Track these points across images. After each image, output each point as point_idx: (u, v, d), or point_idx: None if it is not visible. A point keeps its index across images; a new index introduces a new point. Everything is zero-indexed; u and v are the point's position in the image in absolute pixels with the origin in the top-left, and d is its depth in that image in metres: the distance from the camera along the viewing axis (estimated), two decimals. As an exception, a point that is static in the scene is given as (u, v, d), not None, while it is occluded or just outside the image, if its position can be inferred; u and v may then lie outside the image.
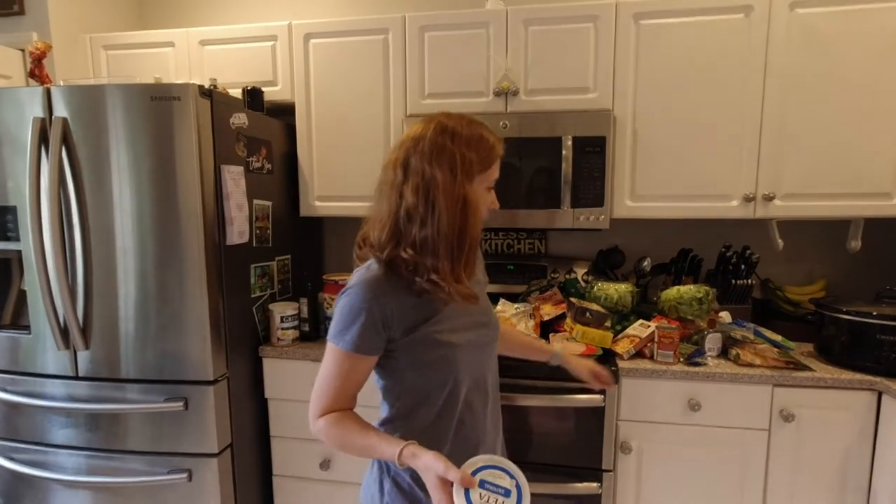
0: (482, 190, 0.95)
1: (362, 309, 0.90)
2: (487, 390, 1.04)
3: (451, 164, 0.89)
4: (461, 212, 0.89)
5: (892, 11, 1.65)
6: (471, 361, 0.99)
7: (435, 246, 0.89)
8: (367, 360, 0.94)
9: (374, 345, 0.92)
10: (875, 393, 1.54)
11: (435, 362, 0.95)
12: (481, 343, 1.02)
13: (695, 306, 1.78)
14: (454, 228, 0.89)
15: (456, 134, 0.91)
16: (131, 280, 1.64)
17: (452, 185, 0.89)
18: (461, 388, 0.97)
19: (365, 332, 0.90)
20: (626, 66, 1.81)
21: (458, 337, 0.96)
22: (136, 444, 1.72)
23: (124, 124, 1.58)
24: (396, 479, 0.99)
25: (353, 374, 0.94)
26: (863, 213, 1.76)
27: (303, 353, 1.84)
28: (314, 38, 1.98)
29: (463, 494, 0.76)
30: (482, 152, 0.92)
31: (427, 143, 0.90)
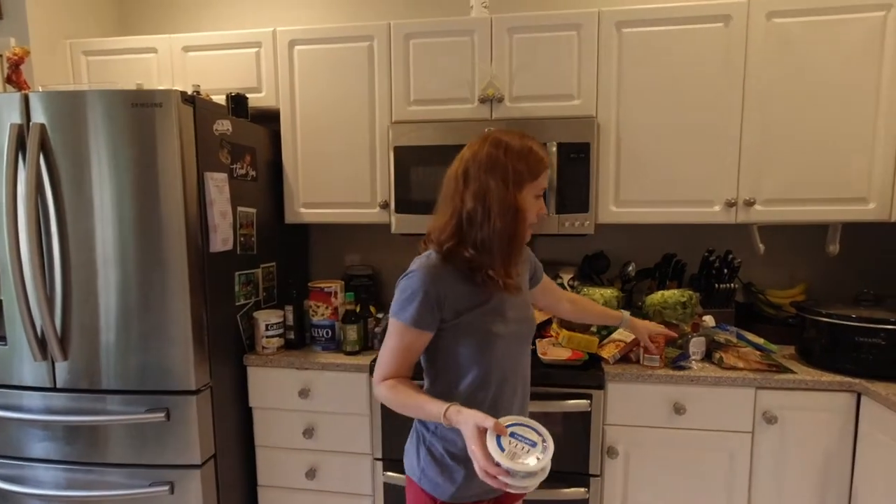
0: (531, 197, 1.07)
1: (420, 289, 1.03)
2: (518, 380, 1.15)
3: (504, 175, 1.02)
4: (512, 217, 1.03)
5: (863, 21, 1.70)
6: (507, 350, 1.10)
7: (490, 246, 1.03)
8: (422, 334, 1.06)
9: (429, 321, 1.05)
10: (854, 394, 1.57)
11: (476, 346, 1.07)
12: (519, 335, 1.13)
13: (679, 310, 1.80)
14: (506, 231, 1.03)
15: (509, 148, 1.04)
16: (112, 289, 1.61)
17: (505, 193, 1.02)
18: (495, 372, 1.09)
19: (422, 309, 1.03)
20: (610, 73, 1.83)
21: (500, 327, 1.08)
22: (116, 456, 1.68)
23: (105, 131, 1.56)
24: (430, 448, 1.12)
25: (410, 346, 1.07)
26: (840, 217, 1.80)
27: (288, 361, 1.83)
28: (299, 45, 1.98)
29: (495, 440, 0.87)
30: (531, 164, 1.04)
31: (483, 156, 1.04)
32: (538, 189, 1.07)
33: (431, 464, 1.11)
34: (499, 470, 0.85)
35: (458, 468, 1.09)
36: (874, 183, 1.75)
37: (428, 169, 1.88)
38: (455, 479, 1.09)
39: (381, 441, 1.79)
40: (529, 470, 0.84)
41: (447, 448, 1.10)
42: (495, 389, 1.10)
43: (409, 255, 2.29)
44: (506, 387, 1.11)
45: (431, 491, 1.11)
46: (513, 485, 0.85)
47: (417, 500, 1.14)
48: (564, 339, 1.73)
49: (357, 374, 1.79)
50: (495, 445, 0.86)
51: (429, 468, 1.11)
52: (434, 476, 1.11)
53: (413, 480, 1.15)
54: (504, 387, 1.11)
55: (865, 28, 1.70)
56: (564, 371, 1.67)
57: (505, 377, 1.11)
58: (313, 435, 1.84)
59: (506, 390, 1.11)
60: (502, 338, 1.08)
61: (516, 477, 0.84)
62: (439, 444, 1.11)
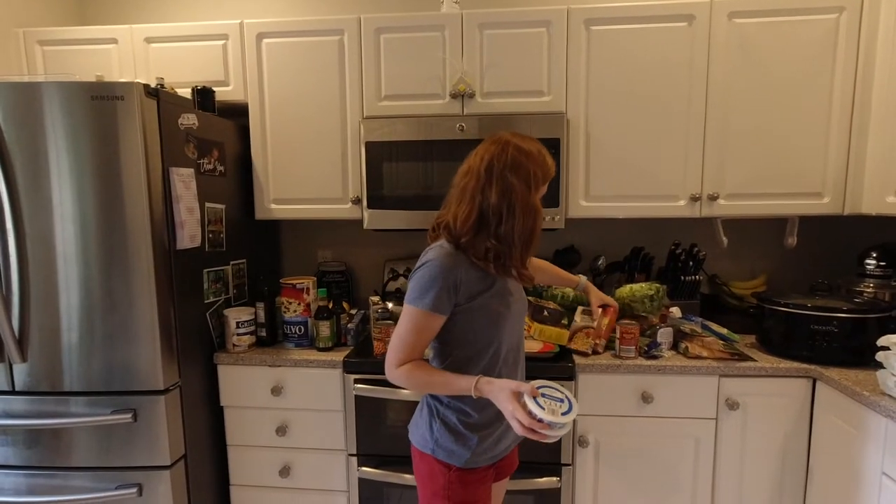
0: (540, 199, 1.18)
1: (439, 276, 1.12)
2: (519, 352, 1.28)
3: (527, 178, 1.13)
4: (533, 216, 1.14)
5: (818, 23, 1.77)
6: (511, 327, 1.22)
7: (511, 239, 1.12)
8: (439, 318, 1.14)
9: (446, 306, 1.14)
10: (810, 380, 1.64)
11: (487, 324, 1.17)
12: (520, 312, 1.27)
13: (647, 303, 1.84)
14: (527, 228, 1.13)
15: (530, 154, 1.14)
16: (74, 288, 1.56)
17: (527, 194, 1.12)
18: (503, 347, 1.20)
19: (441, 295, 1.12)
20: (578, 70, 1.86)
21: (506, 307, 1.19)
22: (81, 459, 1.64)
23: (63, 125, 1.50)
24: (445, 419, 1.21)
25: (427, 331, 1.15)
26: (797, 211, 1.87)
27: (259, 358, 1.80)
28: (267, 38, 1.95)
29: (532, 400, 1.01)
30: (546, 169, 1.17)
31: (509, 158, 1.13)
32: (543, 192, 1.20)
33: (446, 434, 1.20)
34: (542, 425, 0.99)
35: (472, 435, 1.19)
36: (828, 178, 1.83)
37: (400, 164, 1.87)
38: (470, 446, 1.19)
39: (356, 437, 1.79)
40: (566, 421, 0.99)
41: (461, 418, 1.20)
42: (503, 361, 1.22)
43: (381, 251, 2.32)
44: (510, 357, 1.24)
45: (446, 459, 1.20)
46: (552, 435, 1.00)
47: (432, 471, 1.22)
48: (536, 332, 1.76)
49: (330, 371, 1.79)
50: (535, 405, 0.99)
51: (443, 438, 1.20)
52: (449, 444, 1.20)
53: (426, 453, 1.23)
54: (509, 357, 1.23)
55: (820, 30, 1.77)
56: (536, 363, 1.69)
57: (510, 349, 1.23)
58: (286, 432, 1.83)
59: (510, 363, 1.24)
60: (507, 316, 1.20)
61: (555, 428, 0.99)
62: (453, 415, 1.20)
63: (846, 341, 1.62)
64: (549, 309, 1.82)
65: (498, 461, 1.28)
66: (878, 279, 1.80)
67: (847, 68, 1.78)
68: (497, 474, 1.32)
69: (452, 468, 1.20)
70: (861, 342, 1.60)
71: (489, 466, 1.25)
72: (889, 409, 1.32)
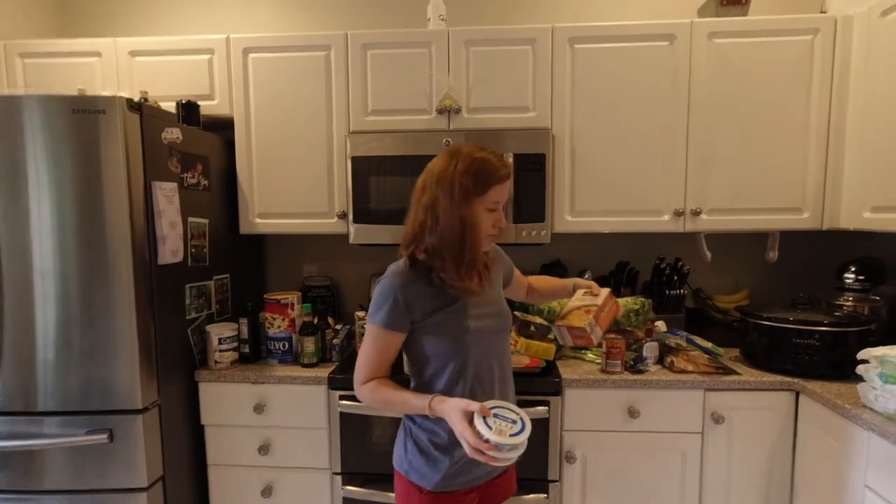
0: (482, 210, 1.13)
1: (390, 293, 1.13)
2: (495, 371, 1.21)
3: (451, 189, 1.10)
4: (459, 229, 1.10)
5: (795, 44, 1.82)
6: (479, 344, 1.17)
7: (440, 252, 1.11)
8: (395, 335, 1.15)
9: (400, 323, 1.13)
10: (793, 393, 1.66)
11: (448, 342, 1.15)
12: (493, 330, 1.20)
13: (632, 318, 1.85)
14: (455, 241, 1.10)
15: (459, 163, 1.11)
16: (51, 304, 1.53)
17: (450, 206, 1.09)
18: (469, 365, 1.16)
19: (392, 312, 1.12)
20: (563, 87, 1.89)
21: (469, 323, 1.15)
22: (54, 482, 1.58)
23: (43, 139, 1.48)
24: (417, 439, 1.19)
25: (386, 348, 1.16)
26: (778, 226, 1.91)
27: (242, 375, 1.77)
28: (253, 53, 1.95)
29: (482, 420, 0.98)
30: (480, 179, 1.11)
31: (437, 169, 1.13)
32: (489, 203, 1.13)
33: (417, 455, 1.18)
34: (488, 446, 0.96)
35: (443, 457, 1.16)
36: (807, 194, 1.87)
37: (386, 179, 1.87)
38: (440, 468, 1.16)
39: (340, 455, 1.75)
40: (515, 443, 0.96)
41: (431, 439, 1.17)
42: (472, 380, 1.17)
43: (367, 266, 2.31)
44: (483, 376, 1.18)
45: (418, 481, 1.17)
46: (500, 457, 0.97)
47: (406, 492, 1.20)
48: (523, 347, 1.76)
49: (315, 387, 1.76)
50: (483, 424, 0.97)
51: (415, 459, 1.18)
52: (420, 466, 1.17)
53: (401, 473, 1.21)
54: (481, 377, 1.18)
55: (796, 50, 1.82)
56: (523, 378, 1.68)
57: (480, 368, 1.18)
58: (269, 451, 1.79)
59: (483, 379, 1.18)
60: (472, 333, 1.16)
61: (503, 450, 0.96)
62: (424, 435, 1.18)
63: (827, 354, 1.64)
64: (536, 324, 1.82)
65: (481, 485, 1.23)
66: (857, 293, 1.83)
67: (823, 87, 1.83)
68: (484, 500, 1.26)
69: (424, 491, 1.17)
70: (842, 355, 1.62)
71: (468, 491, 1.20)
72: (870, 422, 1.33)
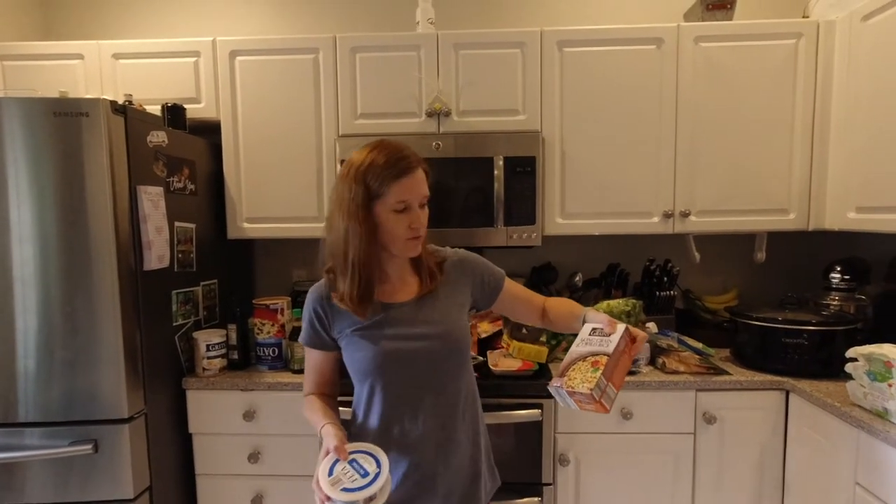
0: (387, 214, 1.00)
1: (307, 310, 1.09)
2: (425, 404, 1.05)
3: (340, 200, 1.00)
4: (342, 243, 1.00)
5: (779, 47, 1.85)
6: (397, 370, 1.05)
7: (335, 269, 1.04)
8: (317, 353, 1.11)
9: (318, 340, 1.09)
10: (783, 392, 1.67)
11: (360, 361, 1.05)
12: (420, 354, 1.05)
13: (624, 319, 1.85)
14: (343, 256, 1.01)
15: (351, 168, 1.00)
16: (32, 313, 1.49)
17: (339, 218, 1.00)
18: (381, 393, 1.06)
19: (310, 329, 1.09)
20: (553, 90, 1.89)
21: (385, 344, 1.04)
22: (36, 495, 1.54)
23: (24, 142, 1.44)
24: None
25: (316, 366, 1.12)
26: (765, 227, 1.93)
27: (231, 382, 1.74)
28: (241, 56, 1.92)
29: (329, 461, 0.91)
30: (374, 180, 0.98)
31: (337, 182, 1.03)
32: (393, 204, 0.99)
33: None
34: (321, 493, 0.88)
35: None
36: (793, 195, 1.89)
37: (376, 182, 1.86)
38: None
39: (332, 462, 1.73)
40: (343, 498, 0.86)
41: None
42: (387, 411, 1.05)
43: (358, 270, 2.28)
44: (402, 409, 1.05)
45: None
46: None
47: None
48: (515, 350, 1.75)
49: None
50: (325, 468, 0.90)
51: None
52: None
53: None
54: (399, 409, 1.05)
55: (781, 54, 1.85)
56: (516, 382, 1.68)
57: (399, 399, 1.05)
58: (259, 459, 1.76)
59: (403, 414, 1.05)
60: (387, 356, 1.03)
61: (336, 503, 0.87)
62: None
63: (816, 353, 1.65)
64: (528, 327, 1.81)
65: None
66: (843, 292, 1.86)
67: (807, 90, 1.85)
68: None
69: None
70: (830, 354, 1.64)
71: None
72: (860, 419, 1.34)
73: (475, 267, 1.18)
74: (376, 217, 1.00)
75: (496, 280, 1.19)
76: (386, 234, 1.01)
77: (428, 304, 1.08)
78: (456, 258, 1.16)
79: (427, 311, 1.07)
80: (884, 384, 1.32)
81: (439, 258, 1.14)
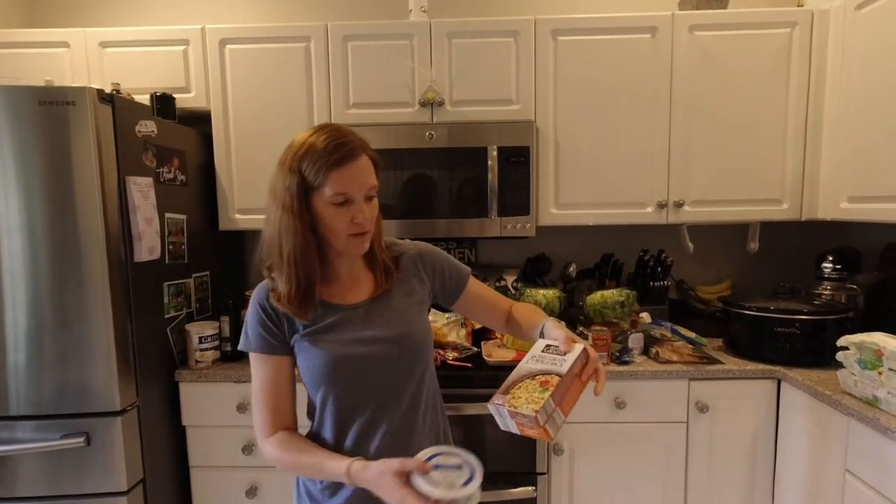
0: (326, 207, 0.89)
1: (253, 311, 0.96)
2: (380, 418, 0.95)
3: (274, 193, 0.91)
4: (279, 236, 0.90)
5: (773, 37, 1.84)
6: (349, 378, 0.94)
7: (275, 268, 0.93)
8: (274, 360, 0.95)
9: (273, 343, 0.94)
10: (775, 381, 1.68)
11: (308, 371, 0.95)
12: (373, 358, 0.94)
13: (618, 310, 1.86)
14: (279, 252, 0.90)
15: (287, 155, 0.91)
16: (21, 305, 1.47)
17: (274, 210, 0.91)
18: (329, 403, 0.95)
19: (260, 330, 0.94)
20: (547, 79, 1.88)
21: (335, 349, 0.93)
22: (28, 489, 1.53)
23: (8, 132, 1.42)
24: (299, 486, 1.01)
25: (271, 380, 0.95)
26: (758, 217, 1.93)
27: (224, 374, 1.73)
28: (231, 44, 1.90)
29: (422, 479, 0.78)
30: (309, 170, 0.88)
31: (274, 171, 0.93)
32: (332, 197, 0.88)
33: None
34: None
35: None
36: (786, 185, 1.90)
37: (369, 172, 1.84)
38: None
39: (326, 453, 1.73)
40: (469, 492, 0.78)
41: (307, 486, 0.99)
42: (336, 425, 0.95)
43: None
44: (351, 423, 0.95)
45: None
46: None
47: None
48: (509, 341, 1.75)
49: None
50: (427, 484, 0.78)
51: None
52: None
53: None
54: (348, 423, 0.95)
55: (775, 43, 1.84)
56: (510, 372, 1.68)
57: (352, 411, 0.95)
58: (254, 451, 1.76)
59: (352, 429, 0.95)
60: (340, 360, 0.93)
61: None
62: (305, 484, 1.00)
63: (808, 342, 1.67)
64: (522, 317, 1.81)
65: None
66: (835, 282, 1.87)
67: (801, 80, 1.85)
68: None
69: None
70: (822, 343, 1.65)
71: None
72: (850, 407, 1.36)
73: (436, 261, 1.07)
74: (314, 210, 0.90)
75: (460, 276, 1.10)
76: (326, 229, 0.91)
77: (382, 304, 0.98)
78: (415, 251, 1.06)
79: (382, 312, 0.97)
80: (874, 372, 1.33)
81: (395, 252, 1.04)
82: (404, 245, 1.07)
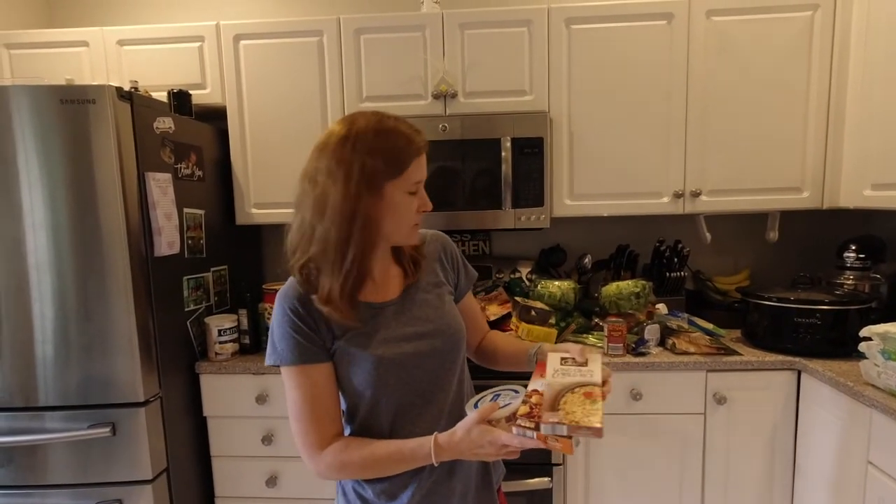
0: (402, 196, 0.86)
1: (283, 318, 0.88)
2: (431, 408, 0.93)
3: (348, 176, 0.81)
4: (346, 229, 0.82)
5: (794, 20, 1.79)
6: (403, 375, 0.90)
7: (321, 264, 0.85)
8: (314, 368, 0.87)
9: (309, 351, 0.87)
10: (795, 372, 1.66)
11: (358, 375, 0.89)
12: (420, 355, 0.92)
13: (633, 301, 1.85)
14: (338, 246, 0.83)
15: (358, 141, 0.82)
16: (48, 299, 1.51)
17: (345, 199, 0.81)
18: (381, 405, 0.91)
19: (292, 339, 0.87)
20: (560, 69, 1.86)
21: (388, 349, 0.89)
22: (58, 477, 1.58)
23: (33, 130, 1.45)
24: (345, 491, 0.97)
25: (314, 390, 0.87)
26: (778, 206, 1.90)
27: (243, 366, 1.76)
28: (244, 40, 1.91)
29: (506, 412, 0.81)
30: (392, 157, 0.83)
31: (328, 154, 0.83)
32: (410, 185, 0.86)
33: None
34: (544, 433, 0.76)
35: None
36: (807, 173, 1.85)
37: (383, 166, 1.85)
38: None
39: (344, 443, 1.76)
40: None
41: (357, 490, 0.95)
42: (393, 425, 0.91)
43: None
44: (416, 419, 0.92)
45: None
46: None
47: None
48: (524, 333, 1.75)
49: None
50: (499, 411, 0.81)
51: None
52: None
53: None
54: (414, 419, 0.92)
55: (796, 27, 1.80)
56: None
57: (410, 406, 0.92)
58: (273, 441, 1.79)
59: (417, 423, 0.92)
60: (387, 361, 0.89)
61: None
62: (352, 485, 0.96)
63: (829, 333, 1.64)
64: (537, 309, 1.81)
65: None
66: (858, 271, 1.83)
67: (822, 65, 1.80)
68: None
69: None
70: (843, 333, 1.62)
71: None
72: (873, 399, 1.33)
73: (456, 255, 1.07)
74: (386, 197, 0.84)
75: (469, 279, 1.09)
76: (393, 218, 0.86)
77: (415, 298, 0.95)
78: (437, 240, 1.04)
79: (417, 306, 0.95)
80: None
81: (419, 240, 1.00)
82: (422, 232, 1.03)
